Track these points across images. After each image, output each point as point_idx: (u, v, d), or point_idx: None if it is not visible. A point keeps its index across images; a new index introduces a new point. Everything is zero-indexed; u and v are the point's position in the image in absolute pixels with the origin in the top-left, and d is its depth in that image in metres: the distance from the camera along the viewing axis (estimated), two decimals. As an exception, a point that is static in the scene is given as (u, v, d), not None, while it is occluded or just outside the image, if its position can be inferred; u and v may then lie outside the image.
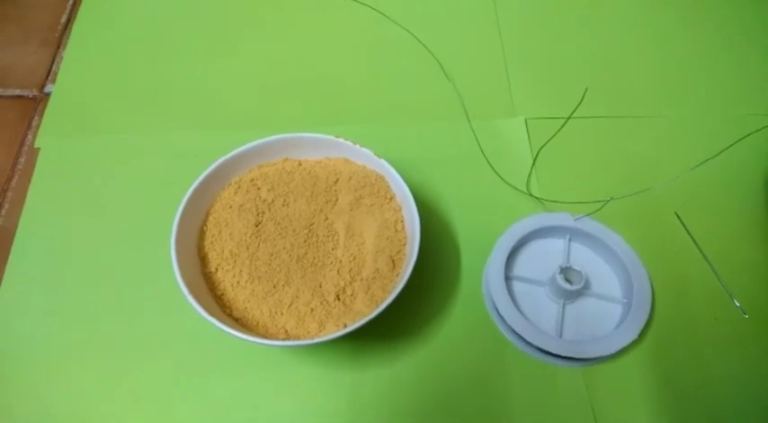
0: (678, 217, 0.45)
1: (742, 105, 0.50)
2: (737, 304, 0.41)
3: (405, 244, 0.38)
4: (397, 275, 0.36)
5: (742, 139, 0.43)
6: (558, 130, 0.49)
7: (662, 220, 0.45)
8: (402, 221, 0.38)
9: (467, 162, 0.47)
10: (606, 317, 0.40)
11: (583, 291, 0.41)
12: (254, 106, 0.50)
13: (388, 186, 0.39)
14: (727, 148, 0.43)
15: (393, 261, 0.37)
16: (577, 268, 0.40)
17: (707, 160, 0.43)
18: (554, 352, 0.37)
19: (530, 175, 0.47)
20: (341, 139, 0.39)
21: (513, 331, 0.39)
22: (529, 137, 0.49)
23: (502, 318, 0.39)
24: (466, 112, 0.50)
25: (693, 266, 0.43)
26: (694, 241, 0.44)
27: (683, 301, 0.42)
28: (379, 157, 0.39)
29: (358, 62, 0.53)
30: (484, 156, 0.47)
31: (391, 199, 0.39)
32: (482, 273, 0.42)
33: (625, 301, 0.40)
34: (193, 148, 0.46)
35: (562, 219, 0.43)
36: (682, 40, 0.56)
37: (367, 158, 0.39)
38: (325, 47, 0.54)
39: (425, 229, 0.44)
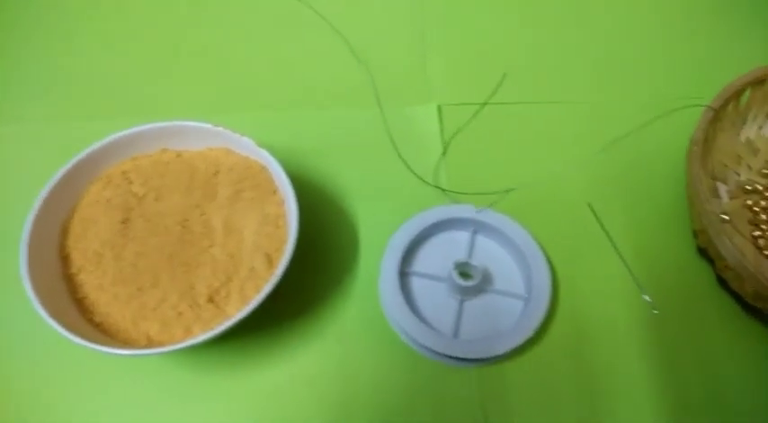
0: (591, 208, 0.43)
1: (661, 92, 0.48)
2: (648, 299, 0.39)
3: (286, 241, 0.35)
4: (274, 275, 0.34)
5: (650, 122, 0.41)
6: (473, 117, 0.47)
7: (575, 212, 0.43)
8: (285, 216, 0.36)
9: (375, 151, 0.45)
10: (507, 314, 0.38)
11: (483, 287, 0.39)
12: (137, 93, 0.47)
13: (271, 179, 0.37)
14: (632, 132, 0.41)
15: (270, 259, 0.34)
16: (475, 263, 0.37)
17: (612, 143, 0.41)
18: (443, 352, 0.35)
19: (438, 165, 0.44)
20: (220, 128, 0.36)
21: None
22: (442, 124, 0.46)
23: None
24: (378, 97, 0.47)
25: (605, 259, 0.41)
26: (606, 233, 0.42)
27: (592, 295, 0.40)
28: (261, 147, 0.36)
29: (261, 45, 0.50)
30: (393, 144, 0.45)
31: (274, 192, 0.36)
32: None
33: (526, 296, 0.39)
34: (64, 139, 0.42)
35: (464, 211, 0.40)
36: (602, 25, 0.53)
37: (249, 149, 0.37)
38: (220, 27, 0.51)
39: (322, 223, 0.42)
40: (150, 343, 0.32)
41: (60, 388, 0.35)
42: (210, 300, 0.33)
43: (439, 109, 0.47)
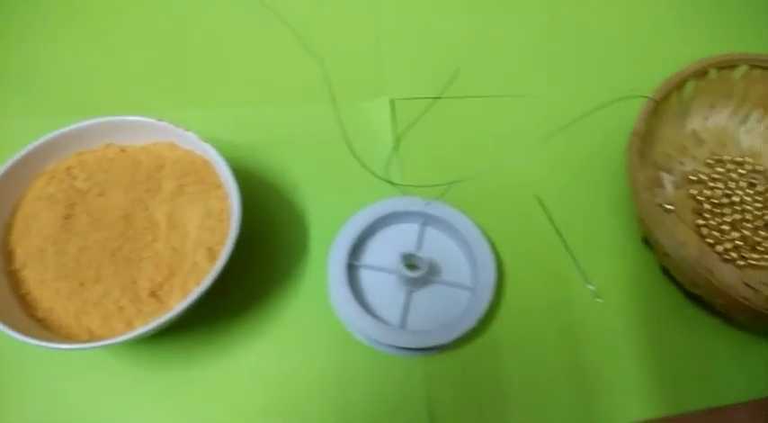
0: (539, 199, 0.43)
1: (610, 85, 0.49)
2: (592, 288, 0.40)
3: (229, 235, 0.35)
4: (214, 269, 0.34)
5: (595, 113, 0.41)
6: (425, 111, 0.47)
7: (524, 203, 0.44)
8: (229, 210, 0.36)
9: (328, 145, 0.45)
10: (454, 304, 0.39)
11: (430, 278, 0.39)
12: (90, 89, 0.47)
13: (215, 173, 0.37)
14: (578, 123, 0.41)
15: (213, 253, 0.34)
16: (422, 255, 0.38)
17: (558, 134, 0.42)
18: (388, 343, 0.36)
19: (390, 158, 0.45)
20: (163, 123, 0.37)
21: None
22: (394, 118, 0.47)
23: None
24: (331, 92, 0.47)
25: (553, 249, 0.42)
26: (553, 224, 0.42)
27: (539, 285, 0.41)
28: (205, 141, 0.36)
29: (215, 41, 0.50)
30: (345, 138, 0.45)
31: (218, 186, 0.36)
32: (329, 262, 0.41)
33: (473, 287, 0.39)
34: (8, 136, 0.41)
35: (413, 203, 0.41)
36: (554, 19, 0.54)
37: (193, 143, 0.37)
38: (173, 23, 0.51)
39: (272, 218, 0.42)
40: (92, 338, 0.32)
41: (3, 384, 0.35)
42: (153, 294, 0.34)
43: (392, 103, 0.47)
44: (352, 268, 0.40)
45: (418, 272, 0.37)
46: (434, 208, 0.40)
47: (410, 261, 0.39)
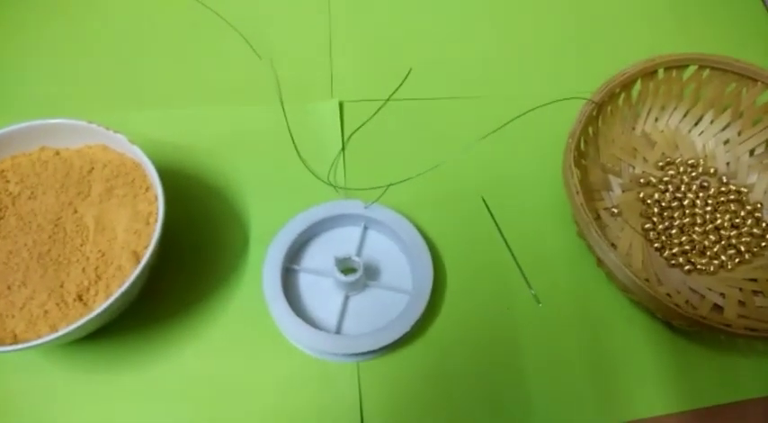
0: (484, 201, 0.43)
1: (561, 87, 0.47)
2: (533, 292, 0.39)
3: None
4: (133, 272, 0.33)
5: (525, 113, 0.40)
6: (375, 113, 0.47)
7: (469, 205, 0.43)
8: (157, 213, 0.35)
9: (274, 147, 0.45)
10: (393, 309, 0.38)
11: (367, 282, 0.39)
12: (26, 92, 0.46)
13: (145, 175, 0.36)
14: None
15: (138, 257, 0.34)
16: (357, 258, 0.37)
17: (502, 134, 0.41)
18: (321, 348, 0.35)
19: (336, 161, 0.44)
20: (94, 125, 0.36)
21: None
22: (342, 120, 0.46)
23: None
24: (280, 94, 0.47)
25: (497, 252, 0.41)
26: (497, 226, 0.42)
27: (481, 288, 0.40)
28: (133, 143, 0.36)
29: (160, 42, 0.49)
30: (292, 140, 0.45)
31: (147, 189, 0.36)
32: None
33: (412, 291, 0.38)
34: None
35: (353, 206, 0.40)
36: (510, 21, 0.53)
37: (123, 146, 0.36)
38: (117, 24, 0.50)
39: (211, 221, 0.41)
40: (15, 341, 0.32)
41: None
42: (79, 298, 0.33)
43: (341, 105, 0.46)
44: (290, 272, 0.39)
45: (353, 276, 0.37)
46: (374, 211, 0.40)
47: (346, 265, 0.38)
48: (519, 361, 0.38)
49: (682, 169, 0.42)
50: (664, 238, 0.40)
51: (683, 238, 0.40)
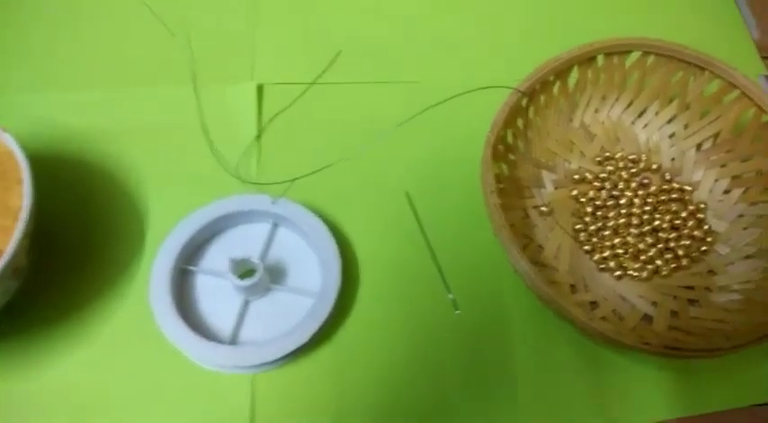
0: (408, 197, 0.39)
1: (497, 74, 0.40)
2: (451, 297, 0.36)
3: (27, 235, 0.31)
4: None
5: (444, 101, 0.37)
6: (298, 98, 0.43)
7: (392, 201, 0.39)
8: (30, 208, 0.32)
9: (182, 133, 0.41)
10: (297, 313, 0.35)
11: (274, 284, 0.36)
12: None
13: (18, 167, 0.33)
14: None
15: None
16: (255, 260, 0.34)
17: (405, 121, 0.37)
18: (209, 360, 0.32)
19: (249, 150, 0.40)
20: (-41, 110, 0.33)
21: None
22: (261, 105, 0.42)
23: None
24: (194, 75, 0.43)
25: (417, 253, 0.38)
26: (420, 225, 0.38)
27: (397, 291, 0.37)
28: (6, 131, 0.32)
29: (59, 19, 0.45)
30: (203, 126, 0.41)
31: (20, 182, 0.32)
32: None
33: (319, 294, 0.35)
34: None
35: (259, 202, 0.37)
36: (448, 5, 0.48)
37: (-8, 132, 0.33)
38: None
39: (104, 215, 0.38)
40: None
41: None
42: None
43: (260, 88, 0.43)
44: (186, 273, 0.36)
45: (250, 280, 0.34)
46: (282, 207, 0.36)
47: (246, 267, 0.35)
48: (436, 370, 0.35)
49: (621, 165, 0.39)
50: (595, 239, 0.37)
51: (617, 241, 0.37)
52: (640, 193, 0.39)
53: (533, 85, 0.35)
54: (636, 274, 0.36)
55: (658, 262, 0.36)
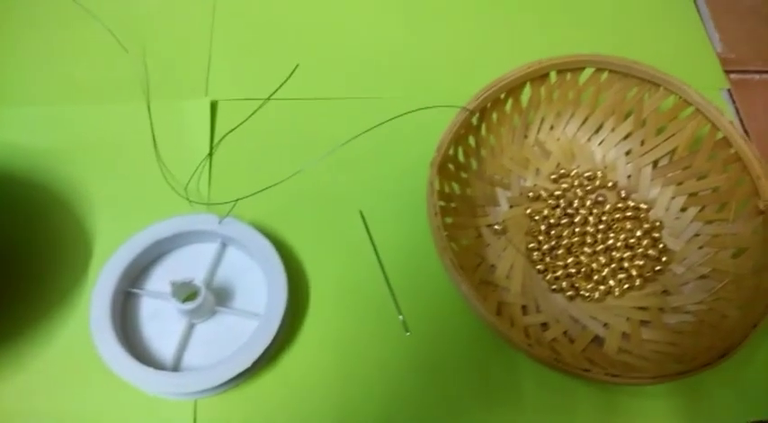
0: (362, 216, 0.39)
1: (454, 92, 0.39)
2: (401, 318, 0.36)
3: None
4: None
5: (393, 118, 0.36)
6: (252, 114, 0.42)
7: (345, 220, 0.39)
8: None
9: (132, 151, 0.40)
10: (242, 336, 0.34)
11: (219, 307, 0.35)
12: None
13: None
14: (377, 126, 0.36)
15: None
16: (197, 283, 0.33)
17: (354, 138, 0.37)
18: (148, 386, 0.31)
19: (201, 168, 0.40)
20: None
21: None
22: (214, 122, 0.42)
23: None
24: (147, 91, 0.42)
25: (370, 272, 0.37)
26: (372, 244, 0.38)
27: (347, 313, 0.36)
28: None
29: (12, 32, 0.44)
30: (154, 144, 0.40)
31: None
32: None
33: (264, 315, 0.34)
34: None
35: (204, 221, 0.36)
36: (409, 18, 0.48)
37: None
38: None
39: (49, 236, 0.37)
40: None
41: None
42: None
43: (214, 104, 0.42)
44: (131, 296, 0.35)
45: (192, 303, 0.33)
46: (228, 227, 0.36)
47: (189, 289, 0.34)
48: (384, 393, 0.34)
49: (577, 182, 0.39)
50: (548, 259, 0.36)
51: (570, 260, 0.36)
52: (595, 211, 0.38)
53: (482, 103, 0.34)
54: (588, 294, 0.35)
55: (611, 282, 0.36)
